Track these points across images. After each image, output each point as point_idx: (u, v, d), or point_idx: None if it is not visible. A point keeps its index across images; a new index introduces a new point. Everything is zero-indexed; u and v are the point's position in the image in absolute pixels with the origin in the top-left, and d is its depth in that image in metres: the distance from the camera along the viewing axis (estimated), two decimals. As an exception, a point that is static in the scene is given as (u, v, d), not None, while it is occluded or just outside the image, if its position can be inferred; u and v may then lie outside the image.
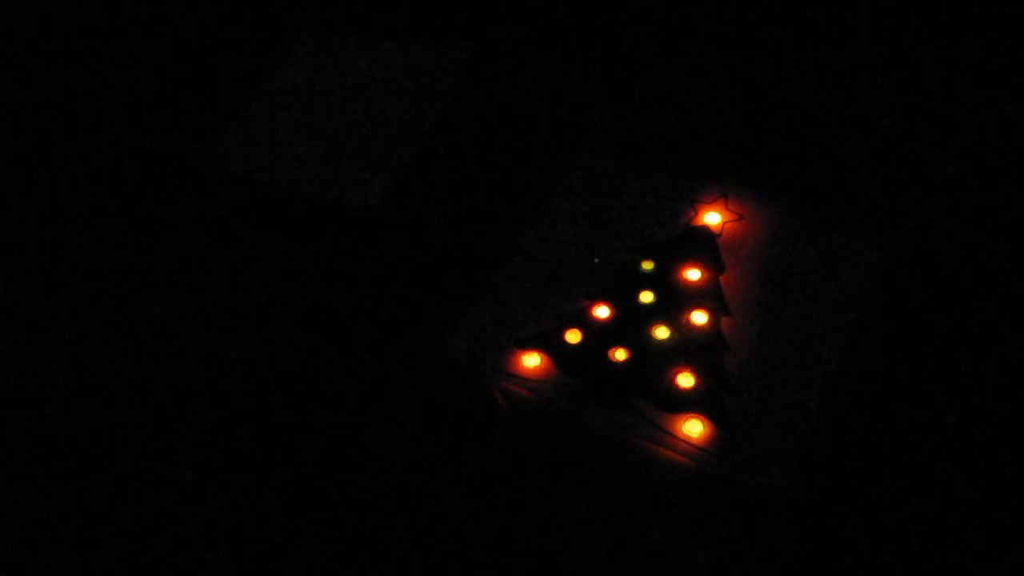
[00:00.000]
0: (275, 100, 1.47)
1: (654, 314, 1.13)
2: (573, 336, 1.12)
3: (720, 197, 1.23)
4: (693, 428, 1.04)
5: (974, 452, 1.00)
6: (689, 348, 1.09)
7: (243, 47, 1.55)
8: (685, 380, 1.07)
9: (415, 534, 1.01)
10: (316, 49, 1.53)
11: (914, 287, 1.13)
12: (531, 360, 1.11)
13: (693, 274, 1.15)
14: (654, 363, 1.09)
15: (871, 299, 1.12)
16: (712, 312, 1.12)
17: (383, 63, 1.49)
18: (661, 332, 1.11)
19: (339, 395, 1.12)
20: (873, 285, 1.13)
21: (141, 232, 1.33)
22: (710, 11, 1.45)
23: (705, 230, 1.20)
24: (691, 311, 1.12)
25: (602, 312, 1.14)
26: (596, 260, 1.19)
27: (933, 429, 1.02)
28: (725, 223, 1.20)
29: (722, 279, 1.15)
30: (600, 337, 1.12)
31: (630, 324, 1.12)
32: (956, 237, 1.17)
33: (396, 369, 1.13)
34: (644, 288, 1.15)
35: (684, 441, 1.03)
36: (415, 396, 1.10)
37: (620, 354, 1.10)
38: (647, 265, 1.17)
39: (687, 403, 1.05)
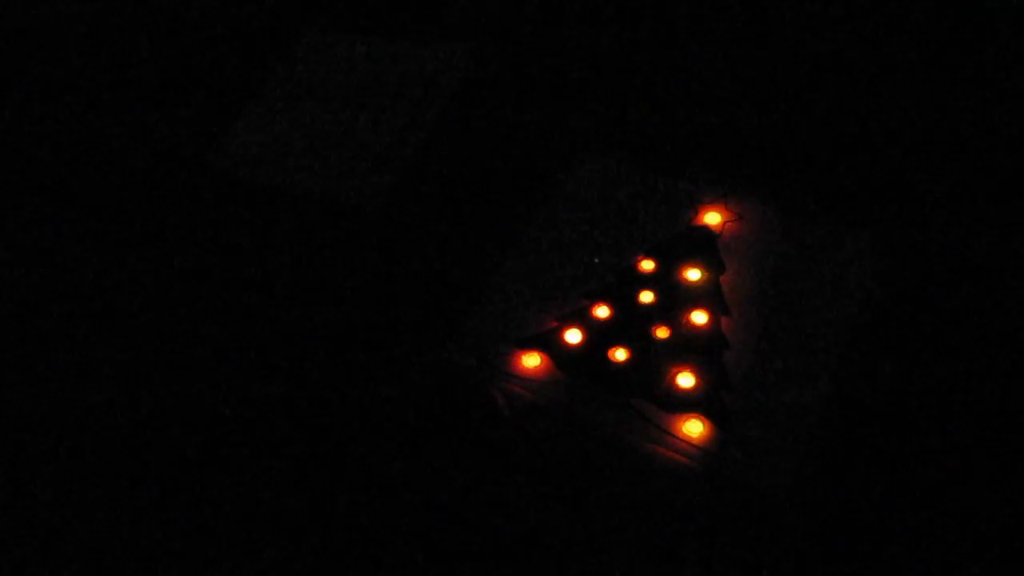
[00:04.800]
0: (276, 100, 1.47)
1: (654, 314, 1.13)
2: (573, 336, 1.12)
3: (720, 197, 1.23)
4: (693, 428, 1.04)
5: (976, 451, 1.00)
6: (689, 348, 1.10)
7: (244, 47, 1.55)
8: (685, 380, 1.07)
9: (414, 534, 1.01)
10: (317, 49, 1.53)
11: (915, 286, 1.13)
12: (531, 360, 1.11)
13: (693, 274, 1.15)
14: (654, 363, 1.09)
15: (871, 298, 1.12)
16: (712, 312, 1.12)
17: (384, 63, 1.49)
18: (661, 332, 1.11)
19: (339, 395, 1.12)
20: (873, 284, 1.13)
21: (141, 231, 1.33)
22: (709, 11, 1.45)
23: (705, 230, 1.20)
24: (691, 311, 1.12)
25: (602, 312, 1.14)
26: (596, 260, 1.19)
27: (935, 428, 1.02)
28: (725, 223, 1.20)
29: (722, 279, 1.15)
30: (600, 337, 1.12)
31: (630, 324, 1.12)
32: (957, 235, 1.17)
33: (396, 369, 1.13)
34: (644, 288, 1.15)
35: (684, 441, 1.03)
36: (415, 396, 1.10)
37: (620, 354, 1.10)
38: (647, 265, 1.17)
39: (687, 403, 1.05)
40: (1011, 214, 1.18)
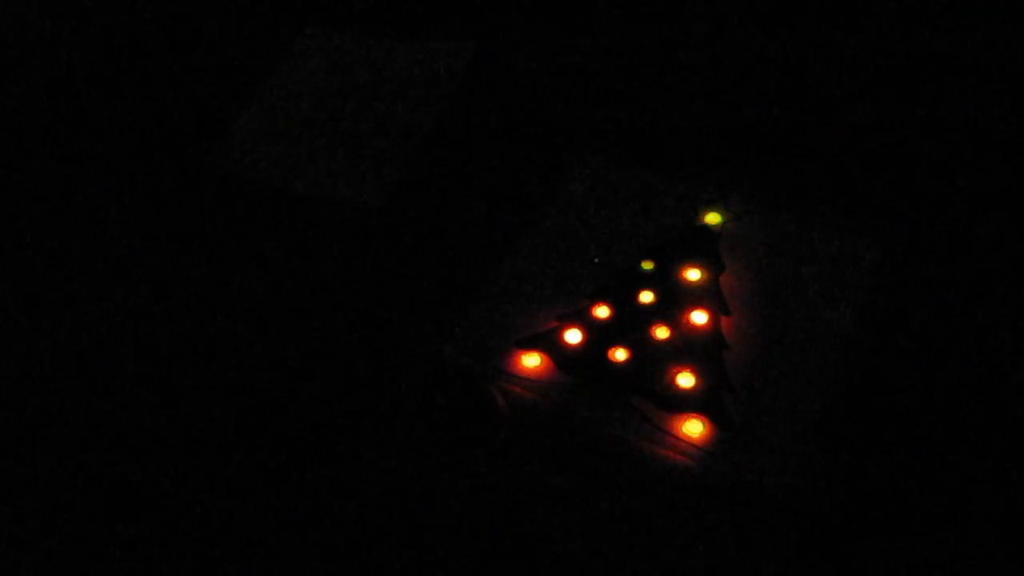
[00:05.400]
0: (276, 100, 1.47)
1: (654, 314, 1.13)
2: (573, 336, 1.12)
3: (720, 197, 1.23)
4: (693, 428, 1.04)
5: (978, 452, 1.00)
6: (689, 348, 1.09)
7: (244, 47, 1.55)
8: (685, 380, 1.07)
9: (414, 535, 1.01)
10: (317, 49, 1.53)
11: (917, 285, 1.13)
12: (531, 360, 1.11)
13: (693, 274, 1.15)
14: (654, 363, 1.09)
15: (873, 297, 1.12)
16: (712, 312, 1.12)
17: (384, 63, 1.49)
18: (661, 332, 1.11)
19: (338, 395, 1.12)
20: (875, 283, 1.13)
21: (140, 232, 1.33)
22: (709, 11, 1.45)
23: (705, 230, 1.20)
24: (691, 311, 1.12)
25: (602, 312, 1.14)
26: (596, 260, 1.19)
27: (937, 429, 1.02)
28: (725, 223, 1.21)
29: (722, 279, 1.15)
30: (600, 337, 1.12)
31: (630, 324, 1.12)
32: (959, 235, 1.17)
33: (395, 369, 1.13)
34: (644, 288, 1.15)
35: (684, 441, 1.03)
36: (414, 396, 1.10)
37: (620, 354, 1.10)
38: (647, 265, 1.17)
39: (687, 403, 1.05)
40: (1015, 215, 1.18)
